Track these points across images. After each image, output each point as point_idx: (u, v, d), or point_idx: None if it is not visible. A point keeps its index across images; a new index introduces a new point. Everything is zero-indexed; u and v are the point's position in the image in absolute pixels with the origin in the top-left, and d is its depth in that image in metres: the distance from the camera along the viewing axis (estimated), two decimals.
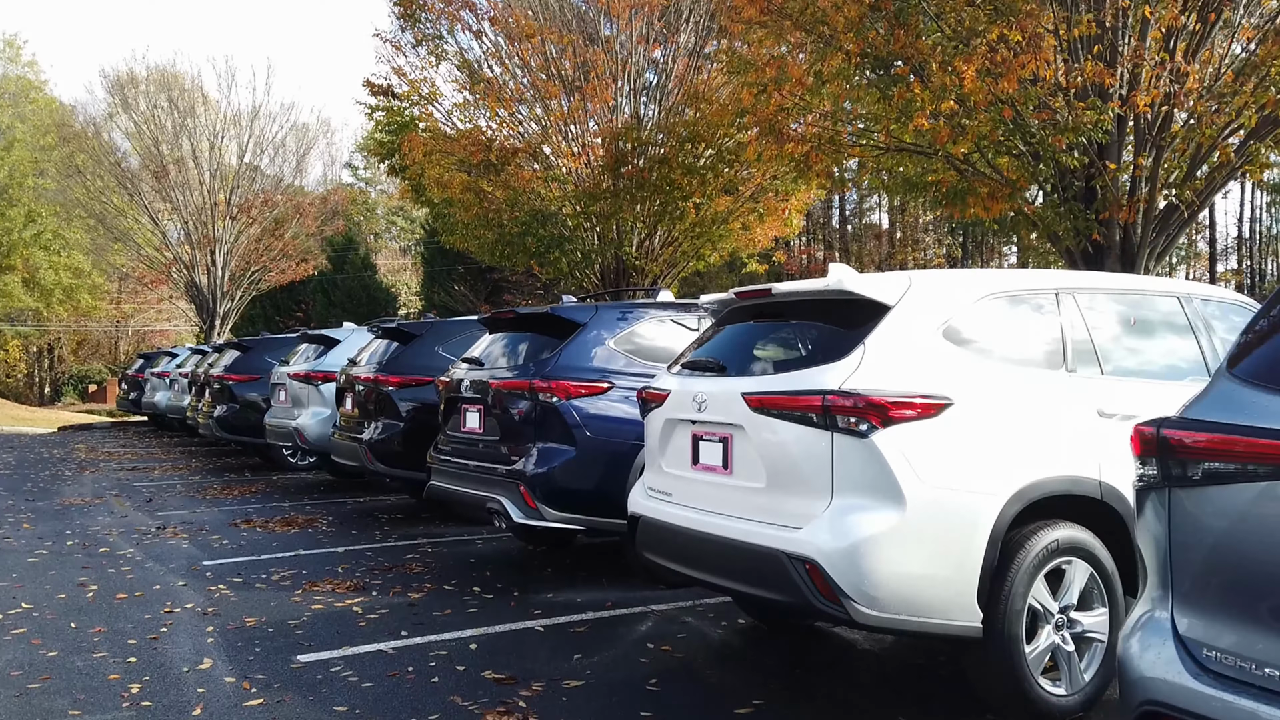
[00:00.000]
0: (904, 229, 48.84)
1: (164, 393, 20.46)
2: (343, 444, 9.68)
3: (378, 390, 9.12)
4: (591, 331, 6.64)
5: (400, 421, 9.01)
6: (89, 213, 29.43)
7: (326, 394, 11.29)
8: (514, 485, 6.34)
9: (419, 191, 18.78)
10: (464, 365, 7.33)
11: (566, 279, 18.79)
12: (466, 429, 7.00)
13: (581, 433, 6.30)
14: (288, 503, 10.81)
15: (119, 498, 11.34)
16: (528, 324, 7.00)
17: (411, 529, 9.03)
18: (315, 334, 12.15)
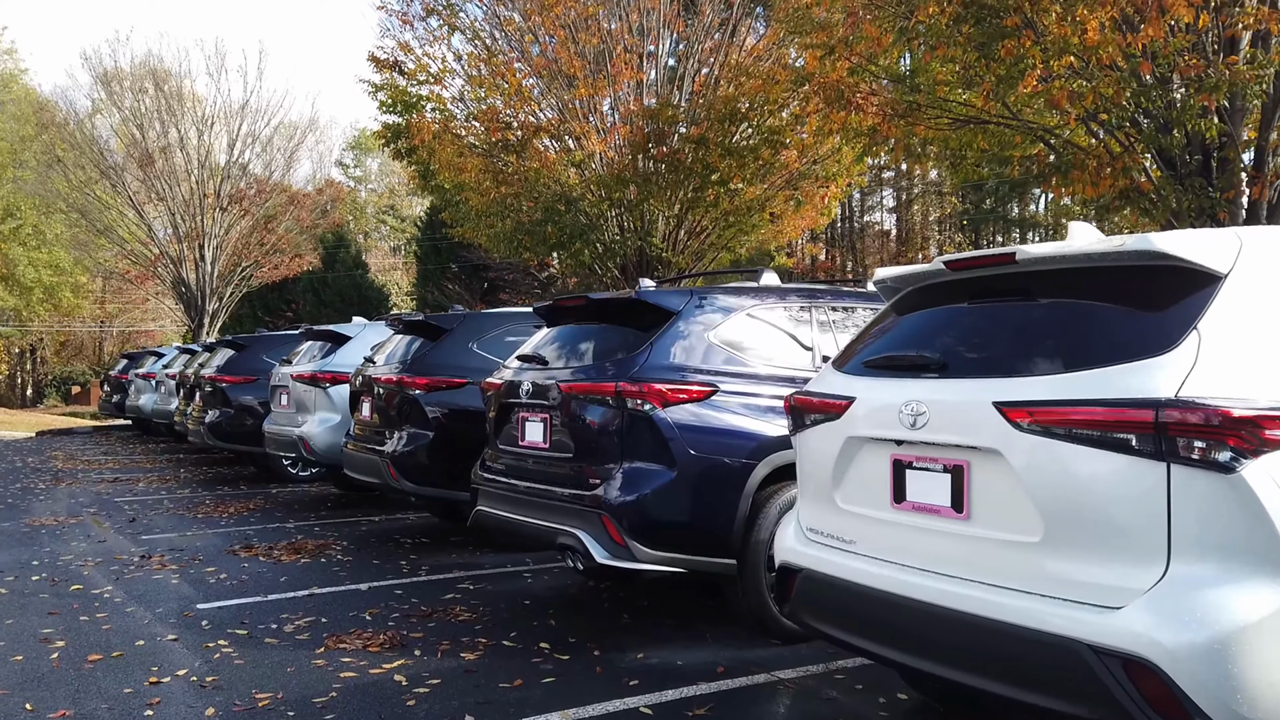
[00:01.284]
0: (909, 227, 47.61)
1: (149, 395, 19.02)
2: (358, 456, 8.31)
3: (402, 394, 7.75)
4: (687, 321, 5.30)
5: (429, 431, 7.66)
6: (70, 205, 27.87)
7: (336, 398, 9.91)
8: (594, 516, 4.99)
9: (426, 177, 17.40)
10: (519, 364, 5.97)
11: (586, 273, 17.44)
12: (526, 443, 5.64)
13: (681, 449, 4.96)
14: (292, 523, 9.42)
15: (97, 516, 9.93)
16: (602, 313, 5.64)
17: (442, 557, 7.67)
18: (321, 330, 10.76)
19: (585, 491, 5.08)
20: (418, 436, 7.67)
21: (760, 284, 5.78)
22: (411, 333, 8.40)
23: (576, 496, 5.12)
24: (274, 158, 28.05)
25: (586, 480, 5.13)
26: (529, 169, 14.92)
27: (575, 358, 5.53)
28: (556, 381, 5.37)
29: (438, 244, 50.96)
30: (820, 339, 5.67)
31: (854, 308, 6.01)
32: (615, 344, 5.38)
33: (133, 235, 27.96)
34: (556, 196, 14.87)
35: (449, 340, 7.98)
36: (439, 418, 7.67)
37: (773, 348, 5.50)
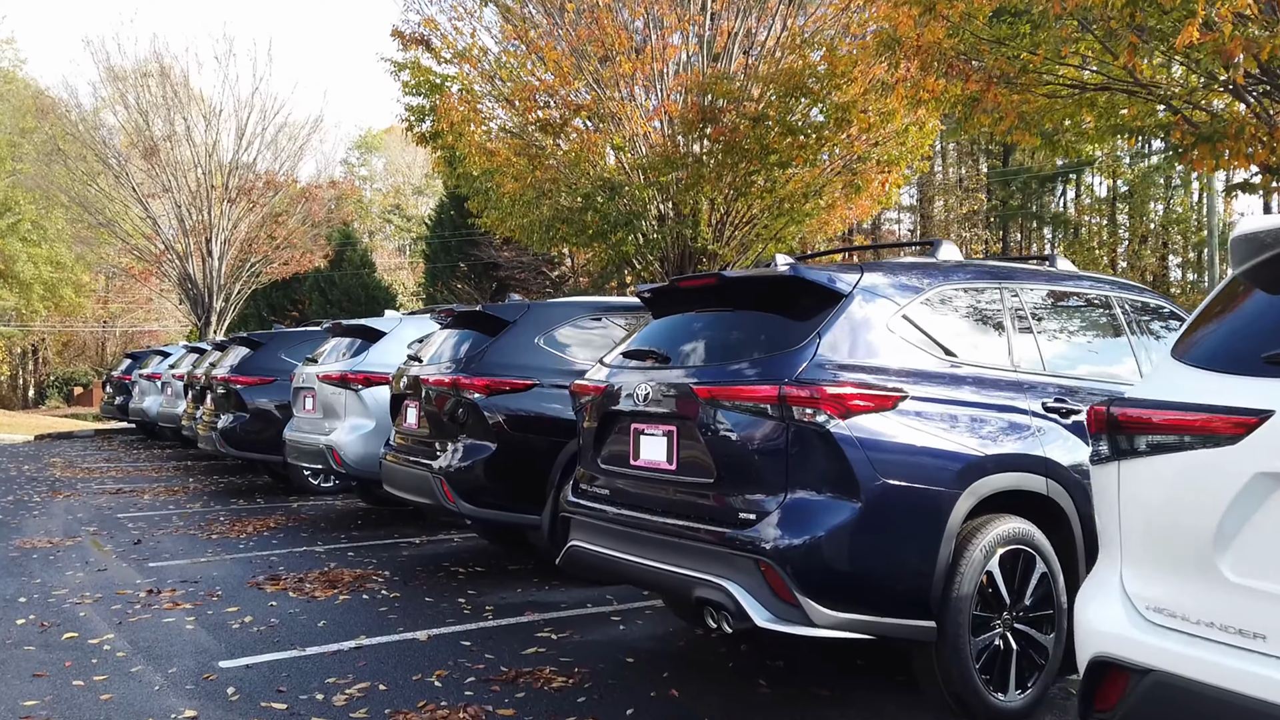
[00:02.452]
0: (930, 226, 46.29)
1: (155, 397, 17.81)
2: (402, 471, 7.08)
3: (458, 398, 6.53)
4: (861, 305, 4.07)
5: (491, 443, 6.43)
6: (72, 198, 26.63)
7: (370, 402, 8.69)
8: (749, 563, 3.77)
9: (452, 164, 16.17)
10: (626, 362, 4.74)
11: (613, 268, 16.20)
12: (642, 463, 4.41)
13: (867, 474, 3.73)
14: (321, 545, 8.20)
15: (97, 537, 8.71)
16: (742, 296, 4.39)
17: (506, 593, 6.44)
18: (351, 325, 9.54)
19: (736, 530, 3.85)
20: (477, 449, 6.44)
21: (940, 258, 4.54)
22: (465, 326, 7.18)
23: (722, 536, 3.89)
24: (284, 148, 26.80)
25: (735, 514, 3.90)
26: (568, 152, 13.68)
27: (711, 354, 4.29)
28: (688, 384, 4.14)
29: (446, 242, 49.99)
30: (1018, 329, 4.44)
31: (1059, 291, 4.79)
32: (765, 335, 4.14)
33: (136, 230, 26.73)
34: (599, 182, 13.62)
35: (511, 334, 6.76)
36: (503, 427, 6.45)
37: (970, 339, 4.27)
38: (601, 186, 13.59)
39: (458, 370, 6.66)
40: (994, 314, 4.40)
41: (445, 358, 7.01)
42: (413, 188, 79.56)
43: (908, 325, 4.10)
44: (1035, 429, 4.19)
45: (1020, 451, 4.11)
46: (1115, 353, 4.83)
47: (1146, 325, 5.08)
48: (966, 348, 4.22)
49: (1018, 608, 4.09)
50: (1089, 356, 4.75)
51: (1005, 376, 4.23)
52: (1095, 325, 4.91)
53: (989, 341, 4.32)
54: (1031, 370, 4.38)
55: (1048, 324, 4.60)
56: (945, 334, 4.18)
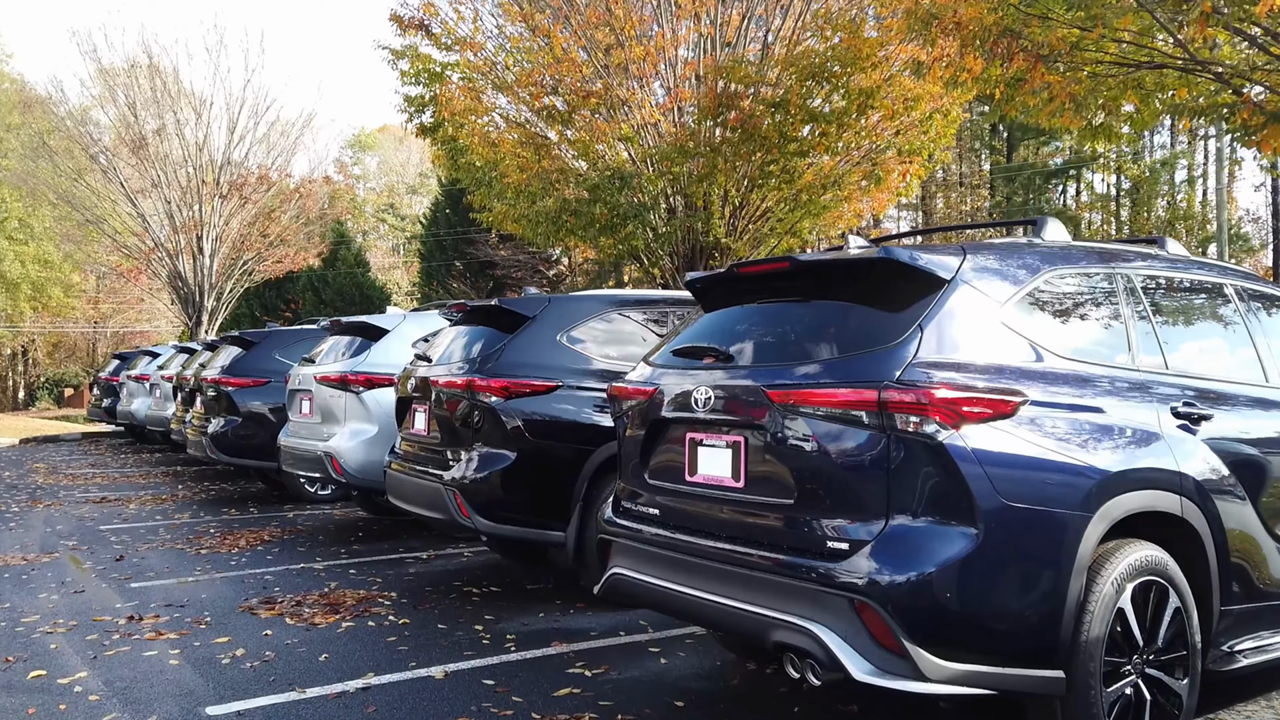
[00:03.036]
0: (931, 223, 45.68)
1: (143, 399, 17.13)
2: (410, 482, 6.43)
3: (473, 402, 5.88)
4: (966, 293, 3.43)
5: (510, 451, 5.79)
6: (59, 194, 25.85)
7: (372, 406, 8.05)
8: (842, 603, 3.14)
9: (454, 156, 15.49)
10: (677, 361, 4.09)
11: (633, 261, 15.59)
12: (702, 478, 3.77)
13: (987, 495, 3.11)
14: (320, 561, 7.54)
15: (76, 552, 8.04)
16: (818, 283, 3.74)
17: (527, 618, 5.79)
18: (352, 322, 8.88)
19: (824, 562, 3.21)
20: (495, 458, 5.80)
21: (1047, 239, 3.90)
22: (478, 323, 6.53)
23: (807, 569, 3.25)
24: (276, 143, 26.04)
25: (822, 543, 3.26)
26: (576, 140, 13.03)
27: (786, 351, 3.64)
28: (760, 387, 3.49)
29: (442, 240, 49.39)
30: (1137, 322, 3.81)
31: (1178, 279, 4.17)
32: (852, 328, 3.50)
33: (125, 227, 25.97)
34: (608, 172, 12.97)
35: (531, 331, 6.11)
36: (523, 433, 5.80)
37: (1089, 333, 3.65)
38: (611, 177, 12.93)
39: (472, 371, 6.01)
40: (1111, 304, 3.77)
41: (457, 357, 6.37)
42: (406, 187, 78.91)
43: (1020, 316, 3.47)
44: (1167, 439, 3.57)
45: (1153, 466, 3.49)
46: (1239, 348, 4.20)
47: (1265, 316, 4.46)
48: (1085, 343, 3.60)
49: (1150, 650, 3.46)
50: (1213, 353, 4.13)
51: (1130, 377, 3.61)
52: (1216, 317, 4.28)
53: (1108, 336, 3.70)
54: (1155, 370, 3.75)
55: (1168, 316, 3.97)
56: (1061, 327, 3.56)
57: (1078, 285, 3.71)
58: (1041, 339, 3.45)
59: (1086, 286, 3.75)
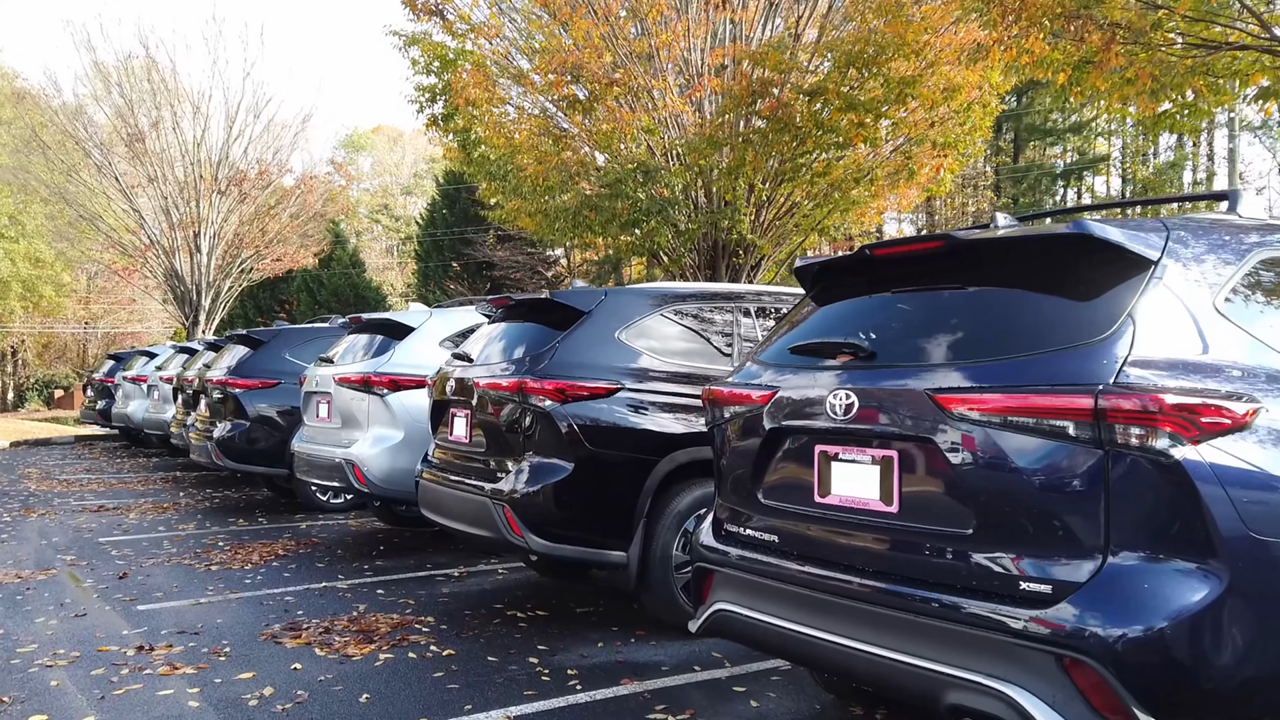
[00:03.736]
0: (933, 225, 45.20)
1: (140, 402, 16.45)
2: (447, 494, 5.81)
3: (524, 407, 5.26)
4: (1176, 279, 2.83)
5: (567, 462, 5.17)
6: (51, 189, 25.09)
7: (398, 409, 7.42)
8: (1050, 660, 2.55)
9: (466, 148, 14.85)
10: (788, 359, 3.48)
11: (653, 259, 15.00)
12: (838, 499, 3.16)
13: (1233, 525, 2.51)
14: (343, 579, 6.91)
15: (75, 568, 7.39)
16: (975, 265, 3.14)
17: (585, 648, 5.17)
18: (374, 319, 8.26)
19: (1019, 608, 2.61)
20: (549, 470, 5.18)
21: (1244, 215, 3.30)
22: (525, 318, 5.93)
23: (993, 617, 2.64)
24: (276, 138, 25.33)
25: (1014, 584, 2.65)
26: (598, 131, 12.41)
27: (950, 348, 3.02)
28: (923, 391, 2.88)
29: (439, 241, 48.80)
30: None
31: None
32: (1038, 321, 2.89)
33: (121, 223, 25.22)
34: (632, 165, 12.35)
35: (586, 328, 5.49)
36: (581, 442, 5.19)
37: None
38: (634, 170, 12.32)
39: (521, 371, 5.39)
40: None
41: (502, 357, 5.75)
42: (401, 187, 78.21)
43: (1237, 305, 2.87)
44: None
45: None
46: None
47: None
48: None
49: None
50: None
51: None
52: None
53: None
54: None
55: None
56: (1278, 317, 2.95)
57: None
58: (1263, 333, 2.84)
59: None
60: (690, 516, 5.36)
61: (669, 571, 5.30)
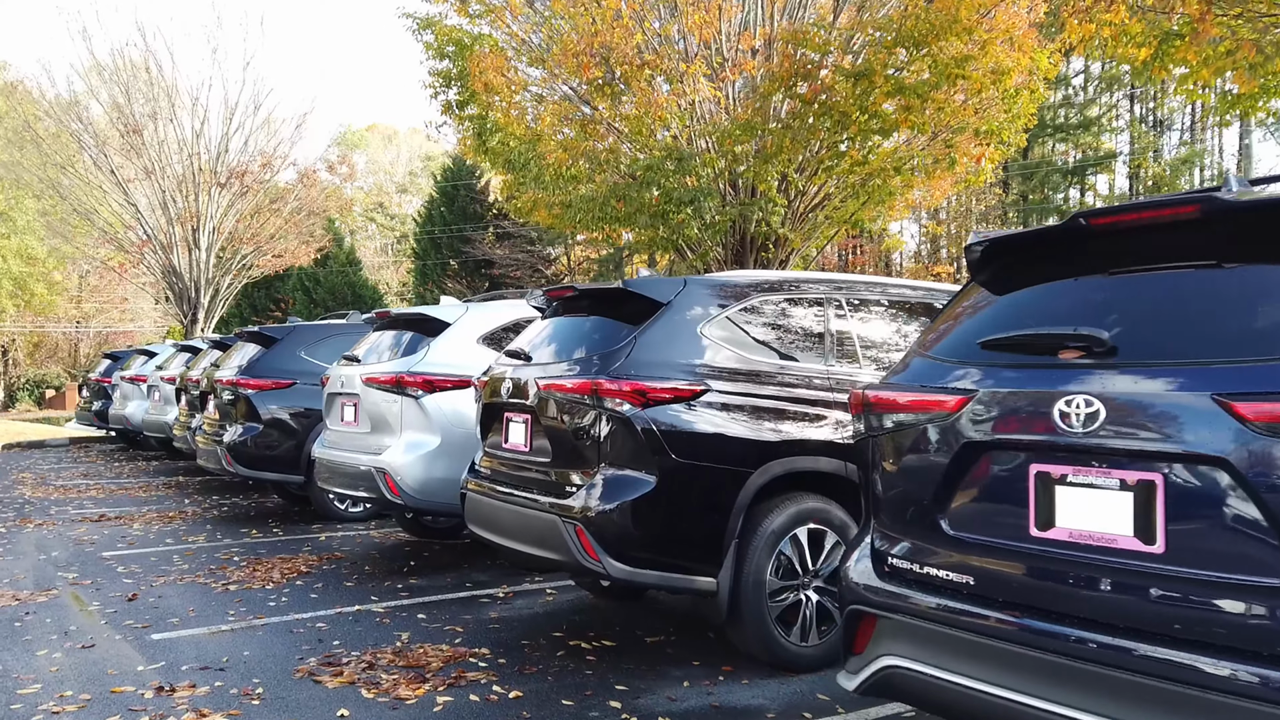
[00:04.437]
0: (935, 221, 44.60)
1: (139, 403, 15.73)
2: (504, 510, 5.15)
3: (601, 411, 4.60)
4: None
5: (650, 474, 4.51)
6: (44, 181, 24.29)
7: (434, 412, 6.75)
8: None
9: (483, 136, 14.16)
10: (987, 357, 2.82)
11: (675, 252, 14.36)
12: (1070, 534, 2.51)
13: None
14: (377, 602, 6.24)
15: (78, 588, 6.71)
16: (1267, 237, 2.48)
17: (672, 687, 4.52)
18: (405, 314, 7.59)
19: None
20: (630, 484, 4.52)
21: None
22: (590, 311, 5.28)
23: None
24: (277, 131, 24.58)
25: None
26: (629, 116, 11.74)
27: (1230, 342, 2.36)
28: (1214, 398, 2.22)
29: (437, 239, 48.16)
30: None
31: None
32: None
33: (117, 217, 24.42)
34: (663, 152, 11.69)
35: (665, 321, 4.83)
36: (666, 452, 4.53)
37: None
38: (665, 158, 11.65)
39: (592, 371, 4.73)
40: None
41: (568, 354, 5.10)
42: (396, 185, 77.48)
43: None
44: None
45: None
46: None
47: None
48: None
49: None
50: None
51: None
52: None
53: None
54: None
55: None
56: None
57: None
58: None
59: None
60: (785, 537, 4.72)
61: (762, 600, 4.65)
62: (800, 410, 4.84)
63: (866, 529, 3.16)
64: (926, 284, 5.81)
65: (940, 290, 5.70)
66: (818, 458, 4.84)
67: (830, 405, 4.92)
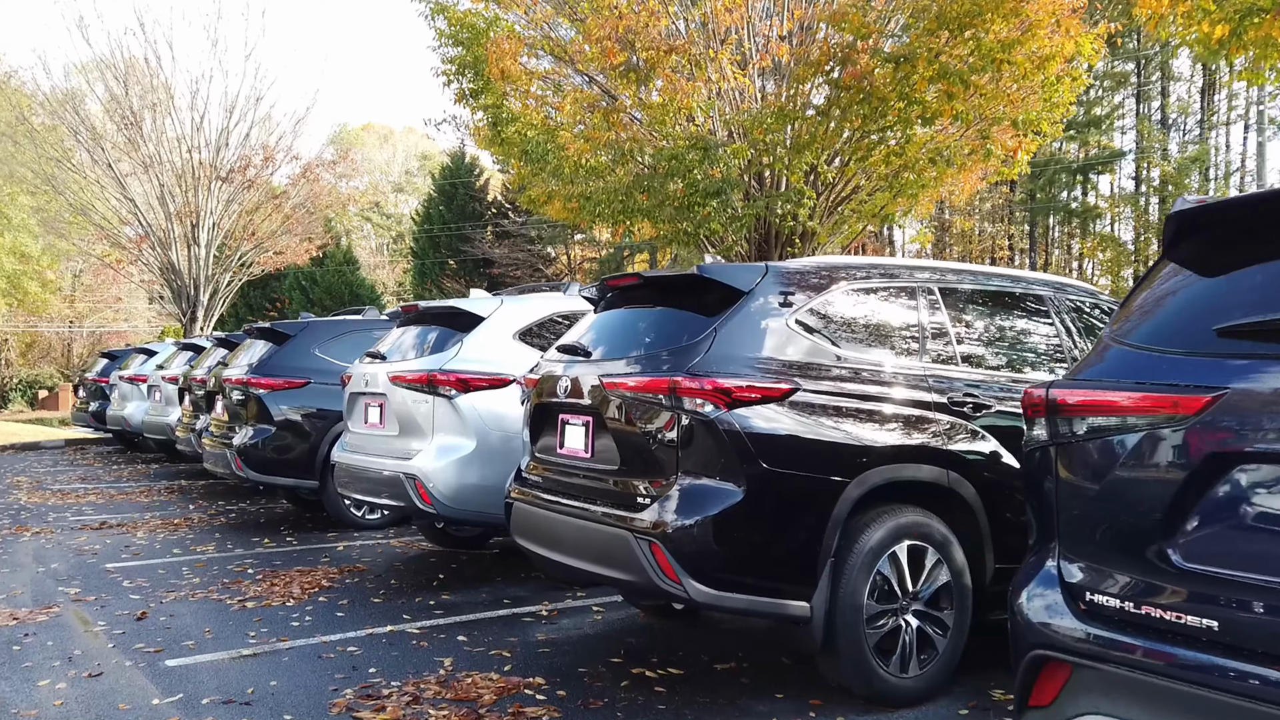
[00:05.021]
0: (940, 218, 44.11)
1: (139, 403, 15.16)
2: (561, 522, 4.62)
3: (680, 413, 4.07)
4: None
5: (735, 484, 4.01)
6: (38, 174, 23.63)
7: (469, 414, 6.22)
8: None
9: (498, 126, 13.60)
10: (1246, 349, 2.29)
11: (696, 247, 13.86)
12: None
13: None
14: (411, 621, 5.70)
15: (81, 604, 6.16)
16: None
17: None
18: (436, 308, 7.04)
19: None
20: (714, 495, 3.99)
21: None
22: (653, 301, 4.74)
23: None
24: (279, 124, 23.97)
25: None
26: (653, 104, 11.21)
27: None
28: None
29: (435, 238, 47.67)
30: None
31: None
32: None
33: (114, 212, 23.76)
34: (690, 141, 11.16)
35: (748, 312, 4.31)
36: (754, 458, 4.00)
37: None
38: (692, 147, 11.12)
39: (668, 368, 4.20)
40: None
41: (635, 350, 4.57)
42: (391, 185, 76.94)
43: None
44: None
45: None
46: None
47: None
48: None
49: None
50: None
51: None
52: None
53: None
54: None
55: None
56: None
57: None
58: None
59: None
60: (883, 555, 4.20)
61: (859, 626, 4.12)
62: (898, 412, 4.32)
63: (1043, 554, 2.63)
64: (1029, 273, 5.29)
65: (1044, 281, 5.19)
66: (919, 465, 4.32)
67: (928, 406, 4.40)
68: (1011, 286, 5.06)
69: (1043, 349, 5.00)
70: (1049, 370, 4.91)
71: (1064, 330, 5.02)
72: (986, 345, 4.83)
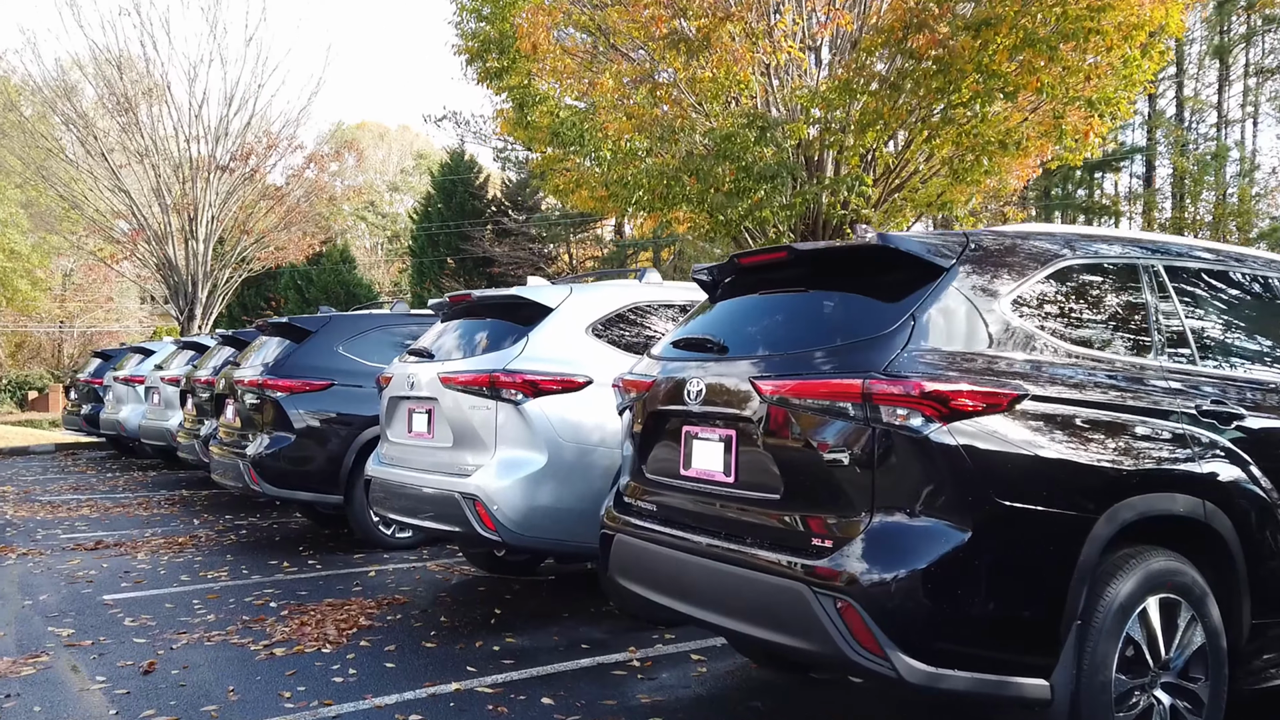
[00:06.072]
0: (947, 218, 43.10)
1: (135, 406, 14.07)
2: (693, 565, 3.64)
3: (877, 429, 3.07)
4: None
5: (960, 525, 3.06)
6: (29, 166, 22.50)
7: (539, 422, 5.22)
8: None
9: (524, 109, 12.55)
10: None
11: (731, 240, 12.89)
12: None
13: None
14: (479, 676, 4.67)
15: (76, 651, 5.12)
16: None
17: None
18: (493, 298, 6.01)
19: None
20: (930, 538, 3.00)
21: None
22: (806, 283, 3.73)
23: None
24: (281, 112, 22.89)
25: None
26: (704, 79, 10.20)
27: None
28: None
29: (434, 236, 46.76)
30: None
31: None
32: None
33: (108, 205, 22.60)
34: (745, 119, 10.15)
35: (950, 295, 3.31)
36: (981, 489, 3.00)
37: None
38: (749, 124, 10.11)
39: (849, 367, 3.19)
40: None
41: (786, 344, 3.58)
42: (387, 184, 75.92)
43: None
44: None
45: None
46: None
47: None
48: None
49: None
50: None
51: None
52: None
53: None
54: None
55: None
56: None
57: None
58: None
59: None
60: (1133, 613, 3.20)
61: (1109, 711, 3.12)
62: (1146, 425, 3.33)
63: None
64: (1261, 252, 4.31)
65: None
66: (1173, 494, 3.32)
67: (1175, 417, 3.41)
68: (1244, 266, 4.07)
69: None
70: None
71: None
72: (1230, 338, 3.84)
